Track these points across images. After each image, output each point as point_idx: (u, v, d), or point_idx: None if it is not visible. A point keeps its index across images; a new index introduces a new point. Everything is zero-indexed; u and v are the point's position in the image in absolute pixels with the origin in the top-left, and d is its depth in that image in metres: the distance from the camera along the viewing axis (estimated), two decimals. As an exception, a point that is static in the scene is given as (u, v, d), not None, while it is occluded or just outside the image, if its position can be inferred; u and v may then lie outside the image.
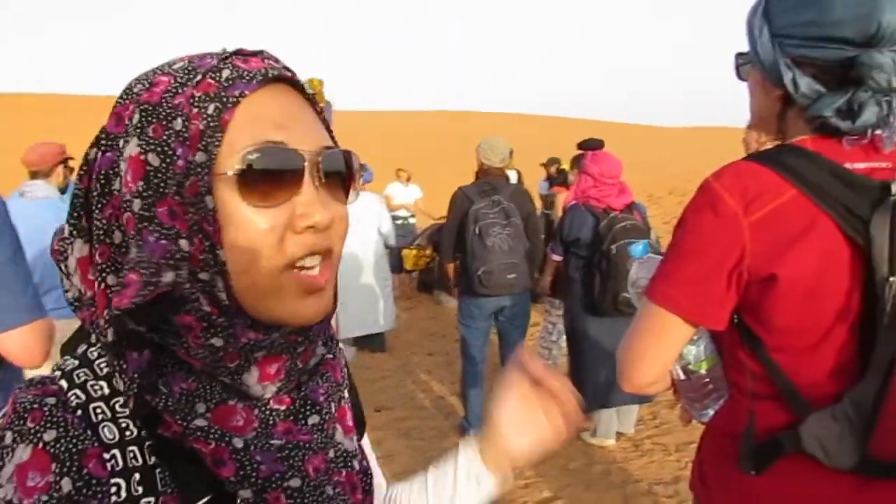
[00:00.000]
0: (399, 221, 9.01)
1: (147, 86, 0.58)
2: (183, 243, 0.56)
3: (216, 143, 0.56)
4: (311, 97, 0.64)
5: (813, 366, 1.06)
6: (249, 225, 0.56)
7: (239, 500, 0.58)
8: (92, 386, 0.59)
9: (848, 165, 1.05)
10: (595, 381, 3.83)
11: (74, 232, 0.61)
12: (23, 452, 0.52)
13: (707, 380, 1.25)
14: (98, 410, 0.57)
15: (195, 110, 0.56)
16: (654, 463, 3.89)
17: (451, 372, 5.46)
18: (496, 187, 4.16)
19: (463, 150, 4.29)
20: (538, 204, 8.62)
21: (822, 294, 1.03)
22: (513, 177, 8.26)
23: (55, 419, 0.54)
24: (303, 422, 0.64)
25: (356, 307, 6.04)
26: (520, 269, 4.06)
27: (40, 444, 0.53)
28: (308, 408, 0.65)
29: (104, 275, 0.58)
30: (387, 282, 6.23)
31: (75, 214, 0.61)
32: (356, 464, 0.68)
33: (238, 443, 0.58)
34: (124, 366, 0.56)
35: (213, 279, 0.57)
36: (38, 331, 1.60)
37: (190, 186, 0.55)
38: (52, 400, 0.56)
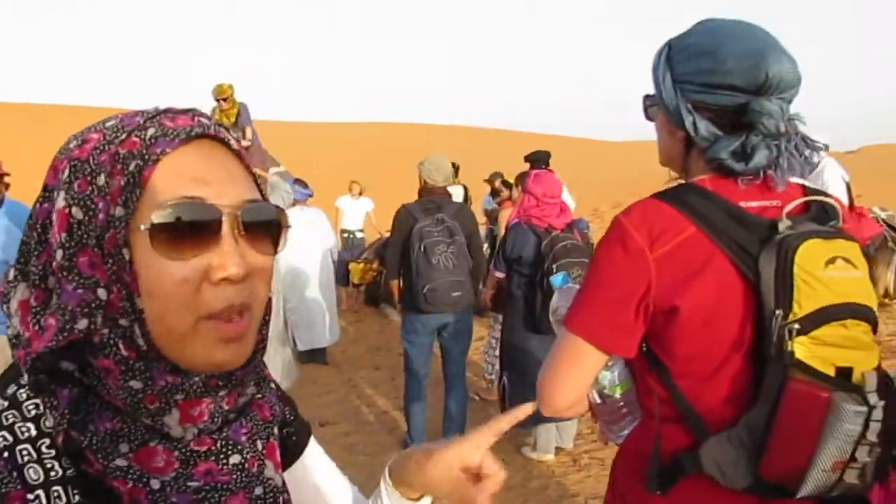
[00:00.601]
0: (346, 235, 9.02)
1: (80, 143, 0.62)
2: (101, 292, 0.59)
3: (135, 199, 0.59)
4: (239, 152, 0.67)
5: (712, 392, 1.14)
6: (164, 276, 0.59)
7: None
8: (19, 427, 0.61)
9: (742, 204, 1.13)
10: (532, 395, 3.90)
11: (19, 276, 0.63)
12: None
13: (622, 403, 1.32)
14: (24, 452, 0.59)
15: (118, 167, 0.60)
16: (590, 477, 3.97)
17: (396, 386, 5.47)
18: (440, 205, 4.22)
19: (413, 162, 4.35)
20: (482, 219, 8.74)
21: (718, 325, 1.10)
22: (459, 192, 8.35)
23: None
24: (224, 462, 0.66)
25: (302, 321, 6.03)
26: (464, 286, 4.13)
27: None
28: (229, 448, 0.67)
29: (38, 318, 0.60)
30: (332, 296, 6.25)
31: (21, 260, 0.63)
32: (282, 499, 0.71)
33: (155, 484, 0.61)
34: (55, 402, 0.59)
35: (131, 325, 0.60)
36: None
37: (109, 239, 0.59)
38: None
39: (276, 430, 0.74)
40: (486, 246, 7.93)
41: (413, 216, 4.17)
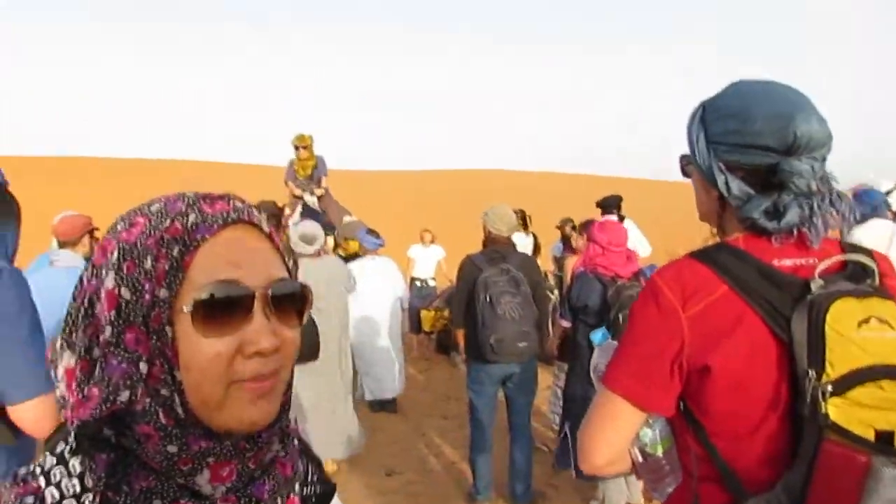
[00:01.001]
0: (418, 283, 9.13)
1: (127, 226, 0.69)
2: (143, 366, 0.65)
3: (178, 282, 0.65)
4: (269, 233, 0.73)
5: (748, 452, 1.12)
6: (201, 351, 0.65)
7: None
8: (65, 485, 0.67)
9: (776, 262, 1.13)
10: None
11: (65, 344, 0.69)
12: None
13: (664, 462, 1.31)
14: None
15: (163, 251, 0.66)
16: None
17: (464, 436, 5.43)
18: (504, 255, 4.25)
19: (484, 208, 4.43)
20: (551, 265, 8.71)
21: (751, 385, 1.10)
22: (529, 242, 8.37)
23: None
24: None
25: (371, 371, 6.10)
26: (530, 337, 4.11)
27: None
28: None
29: (82, 386, 0.67)
30: (400, 345, 6.30)
31: (67, 329, 0.69)
32: None
33: None
34: (93, 465, 0.65)
35: (171, 395, 0.65)
36: (48, 404, 1.69)
37: (154, 318, 0.65)
38: (30, 500, 0.65)
39: (296, 487, 0.79)
40: (555, 293, 7.90)
41: (478, 266, 4.21)
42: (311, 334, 4.48)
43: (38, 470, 0.68)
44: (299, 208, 7.23)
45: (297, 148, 7.42)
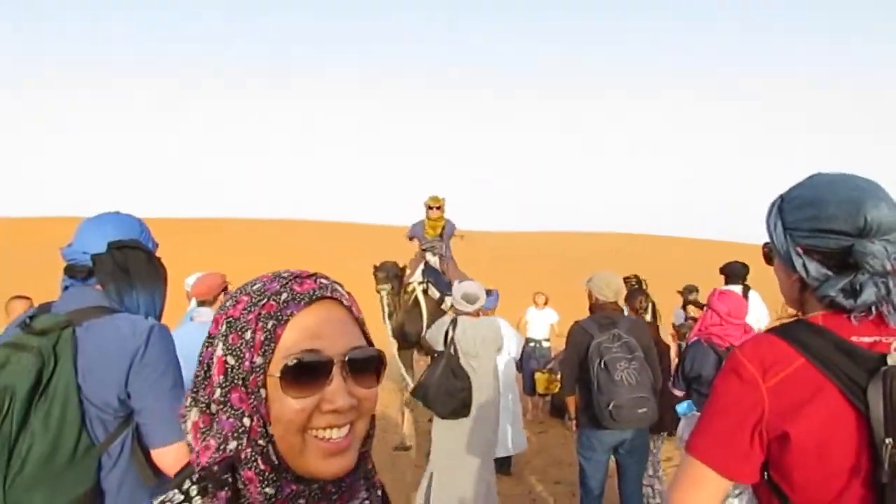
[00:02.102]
0: (533, 344, 9.16)
1: (233, 303, 0.85)
2: (245, 421, 0.80)
3: (271, 351, 0.80)
4: (349, 307, 0.87)
5: None
6: (288, 408, 0.79)
7: None
8: None
9: (854, 339, 1.19)
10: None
11: (192, 401, 0.85)
12: None
13: (750, 530, 1.36)
14: None
15: (259, 325, 0.81)
16: None
17: (577, 502, 5.40)
18: (614, 321, 4.27)
19: (598, 270, 4.50)
20: (672, 332, 8.49)
21: (831, 453, 1.15)
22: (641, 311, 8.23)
23: None
24: None
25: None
26: (649, 403, 4.05)
27: None
28: None
29: (204, 436, 0.83)
30: (516, 404, 6.32)
31: (194, 388, 0.85)
32: None
33: None
34: (215, 502, 0.80)
35: (266, 446, 0.80)
36: (185, 449, 1.92)
37: (252, 381, 0.80)
38: None
39: None
40: (675, 361, 7.69)
41: (588, 332, 4.25)
42: (464, 391, 4.68)
43: (167, 502, 0.85)
44: (421, 267, 7.51)
45: (429, 208, 7.70)
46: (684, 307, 8.64)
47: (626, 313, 4.81)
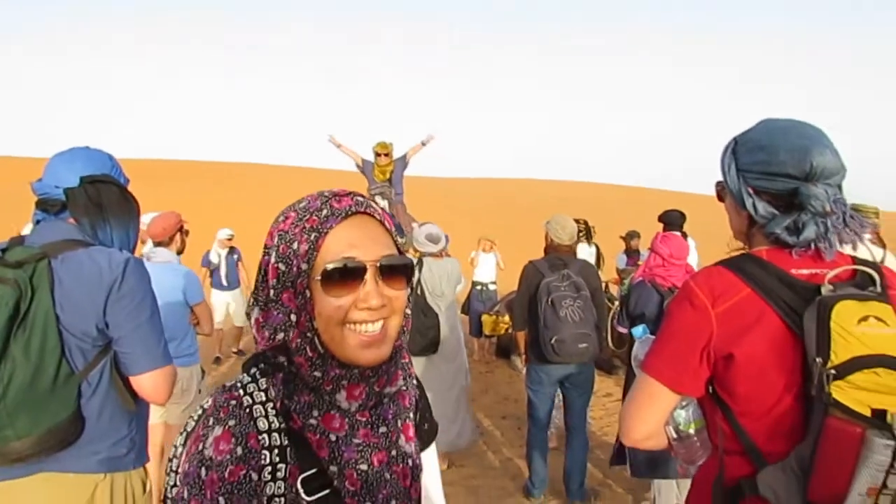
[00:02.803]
0: (479, 287, 9.36)
1: (284, 218, 0.99)
2: (293, 317, 0.95)
3: (314, 258, 0.94)
4: (381, 220, 1.00)
5: (768, 428, 1.33)
6: (328, 305, 0.94)
7: (329, 472, 0.94)
8: (255, 394, 0.96)
9: (794, 271, 1.34)
10: (649, 452, 3.98)
11: (253, 301, 1.00)
12: (218, 430, 0.91)
13: (696, 439, 1.53)
14: (258, 410, 0.94)
15: (304, 237, 0.95)
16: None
17: (522, 435, 5.67)
18: (566, 262, 4.46)
19: (545, 218, 4.67)
20: (616, 276, 8.80)
21: (770, 371, 1.31)
22: (589, 252, 8.50)
23: (235, 414, 0.93)
24: (376, 430, 1.01)
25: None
26: (590, 339, 4.29)
27: (227, 427, 0.91)
28: (380, 422, 1.02)
29: (262, 329, 0.99)
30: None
31: (255, 292, 1.00)
32: (410, 461, 1.05)
33: (332, 437, 0.96)
34: (275, 381, 0.96)
35: (312, 337, 0.95)
36: (166, 375, 1.99)
37: (299, 284, 0.95)
38: (234, 402, 0.95)
39: (412, 415, 1.08)
40: (615, 303, 8.01)
41: (540, 271, 4.44)
42: (433, 329, 4.94)
43: (238, 384, 0.98)
44: None
45: (377, 154, 7.78)
46: (627, 252, 8.94)
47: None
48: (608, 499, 4.58)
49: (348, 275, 0.94)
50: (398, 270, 0.98)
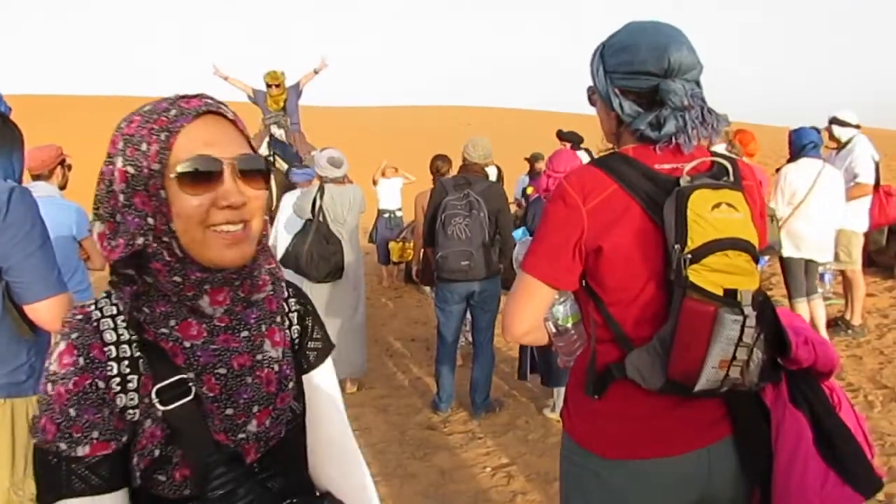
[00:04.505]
0: (386, 215, 9.35)
1: (127, 122, 0.94)
2: (149, 220, 0.91)
3: (165, 157, 0.90)
4: (233, 120, 0.97)
5: (635, 315, 1.42)
6: (185, 204, 0.90)
7: (184, 380, 0.92)
8: (105, 308, 0.95)
9: (657, 166, 1.41)
10: (554, 361, 4.20)
11: (95, 216, 0.95)
12: (63, 344, 0.91)
13: (573, 332, 1.62)
14: (105, 323, 0.93)
15: (153, 137, 0.91)
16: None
17: (430, 356, 5.82)
18: (470, 182, 4.51)
19: (450, 145, 4.70)
20: (518, 200, 8.94)
21: (635, 261, 1.39)
22: (493, 172, 8.60)
23: (78, 327, 0.93)
24: (236, 334, 0.98)
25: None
26: (473, 257, 4.38)
27: (69, 340, 0.91)
28: (241, 326, 0.99)
29: (110, 241, 0.94)
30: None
31: (95, 206, 0.95)
32: (276, 367, 1.03)
33: (187, 343, 0.94)
34: (122, 294, 0.94)
35: (170, 240, 0.91)
36: (61, 302, 1.96)
37: (152, 185, 0.90)
38: (80, 316, 0.94)
39: (279, 319, 1.05)
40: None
41: (445, 190, 4.49)
42: (337, 254, 4.91)
43: (91, 301, 0.97)
44: (266, 140, 7.36)
45: (269, 86, 7.52)
46: (530, 174, 9.05)
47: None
48: (512, 408, 4.79)
49: (205, 173, 0.91)
50: (257, 169, 0.96)
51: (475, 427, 4.50)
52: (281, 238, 5.60)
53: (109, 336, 0.92)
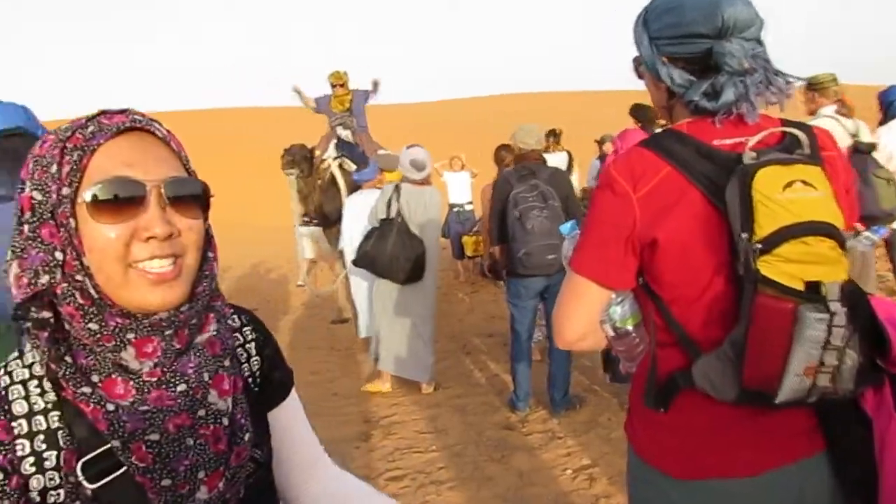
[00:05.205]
0: (456, 209, 9.24)
1: (41, 144, 0.81)
2: (58, 254, 0.77)
3: (77, 181, 0.77)
4: (164, 139, 0.84)
5: (700, 315, 1.24)
6: (98, 236, 0.77)
7: (113, 449, 0.77)
8: (16, 373, 0.81)
9: (717, 142, 1.22)
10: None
11: (11, 254, 0.80)
12: None
13: (634, 335, 1.44)
14: (14, 391, 0.80)
15: (66, 157, 0.78)
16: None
17: (508, 352, 5.65)
18: (534, 171, 4.33)
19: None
20: (591, 182, 8.65)
21: (696, 253, 1.20)
22: (563, 158, 8.34)
23: None
24: (172, 390, 0.81)
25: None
26: (559, 249, 4.18)
27: None
28: (177, 378, 0.82)
29: (19, 278, 0.79)
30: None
31: (12, 244, 0.80)
32: (225, 420, 0.84)
33: (110, 406, 0.77)
34: (37, 342, 0.78)
35: (83, 279, 0.77)
36: None
37: (61, 213, 0.77)
38: None
39: (227, 362, 0.88)
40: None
41: (509, 182, 4.33)
42: (421, 254, 4.84)
43: (4, 361, 0.83)
44: (334, 142, 7.36)
45: (333, 86, 7.51)
46: (600, 158, 8.72)
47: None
48: (593, 404, 4.59)
49: (123, 198, 0.77)
50: (190, 196, 0.82)
51: (555, 426, 4.32)
52: (349, 239, 5.57)
53: (20, 407, 0.79)
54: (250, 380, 0.98)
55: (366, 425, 4.58)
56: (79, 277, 0.77)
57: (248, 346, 0.99)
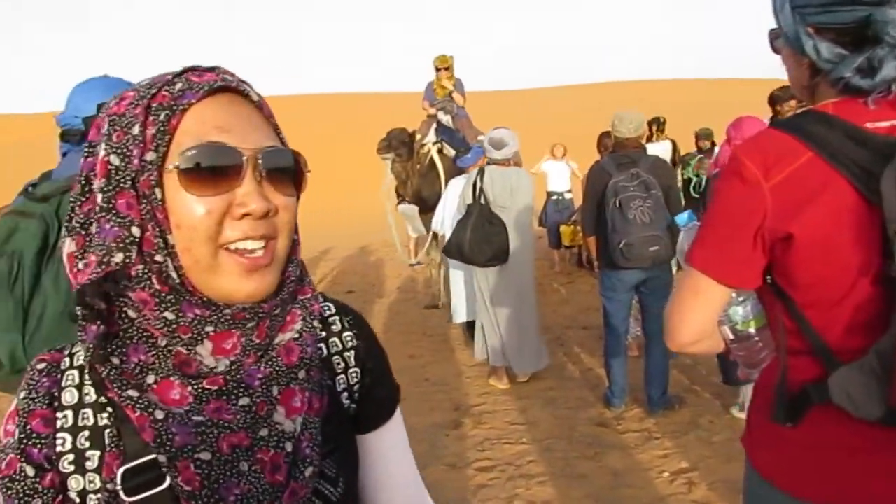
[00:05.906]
0: (555, 197, 9.06)
1: (117, 101, 0.71)
2: (135, 230, 0.66)
3: (164, 145, 0.66)
4: (258, 103, 0.74)
5: (841, 320, 1.09)
6: (190, 210, 0.66)
7: (157, 461, 0.67)
8: (77, 356, 0.73)
9: (869, 125, 1.06)
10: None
11: (66, 232, 0.70)
12: (13, 404, 0.73)
13: (757, 339, 1.30)
14: (69, 377, 0.72)
15: (150, 118, 0.67)
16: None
17: (602, 346, 5.50)
18: (634, 160, 4.14)
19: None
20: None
21: (839, 250, 1.06)
22: (663, 148, 7.98)
23: (31, 383, 0.72)
24: (234, 402, 0.70)
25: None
26: (661, 241, 3.99)
27: (16, 401, 0.72)
28: (241, 390, 0.71)
29: (78, 259, 0.69)
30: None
31: (68, 217, 0.70)
32: (289, 445, 0.72)
33: (159, 414, 0.67)
34: (84, 337, 0.68)
35: (164, 260, 0.67)
36: None
37: (143, 181, 0.66)
38: (42, 365, 0.73)
39: (301, 374, 0.75)
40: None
41: (607, 171, 4.15)
42: (500, 236, 4.72)
43: (69, 343, 0.76)
44: (434, 126, 7.35)
45: (438, 69, 7.49)
46: (698, 152, 8.25)
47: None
48: (693, 405, 4.37)
49: (218, 168, 0.67)
50: (286, 169, 0.73)
51: (651, 425, 4.14)
52: (441, 220, 5.52)
53: (69, 397, 0.71)
54: (345, 394, 0.84)
55: (456, 413, 4.55)
56: (159, 258, 0.67)
57: (346, 354, 0.85)
